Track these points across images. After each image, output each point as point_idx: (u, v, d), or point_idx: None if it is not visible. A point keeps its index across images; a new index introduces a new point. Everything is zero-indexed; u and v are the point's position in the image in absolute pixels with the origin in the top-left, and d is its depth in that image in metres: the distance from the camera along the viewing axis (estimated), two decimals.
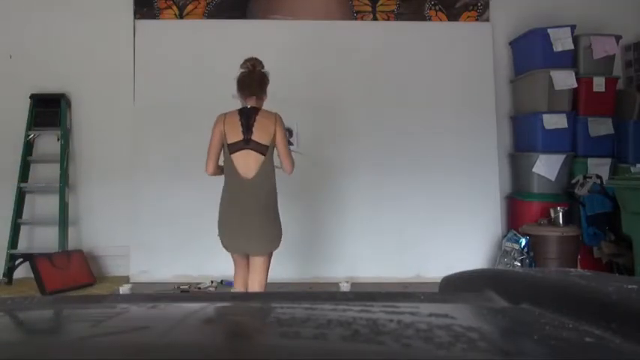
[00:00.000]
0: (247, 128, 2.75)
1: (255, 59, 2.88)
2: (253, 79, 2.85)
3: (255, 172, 2.76)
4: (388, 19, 5.10)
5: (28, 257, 4.60)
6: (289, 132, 4.56)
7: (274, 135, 2.78)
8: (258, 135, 2.76)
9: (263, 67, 2.90)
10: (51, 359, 0.44)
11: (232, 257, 2.96)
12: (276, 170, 2.90)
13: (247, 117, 2.78)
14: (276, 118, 2.83)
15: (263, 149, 2.76)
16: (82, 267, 4.68)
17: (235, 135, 2.77)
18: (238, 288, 3.00)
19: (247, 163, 2.77)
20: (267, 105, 2.96)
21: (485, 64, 4.98)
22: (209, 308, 0.61)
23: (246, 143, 2.75)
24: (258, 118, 2.78)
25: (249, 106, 2.82)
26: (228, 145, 2.78)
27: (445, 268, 1.41)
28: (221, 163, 2.92)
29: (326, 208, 4.73)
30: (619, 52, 4.94)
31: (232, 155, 2.77)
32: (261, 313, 0.61)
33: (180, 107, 4.85)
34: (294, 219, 4.40)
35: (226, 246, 2.90)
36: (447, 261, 4.02)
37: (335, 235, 4.75)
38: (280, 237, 2.92)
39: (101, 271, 4.93)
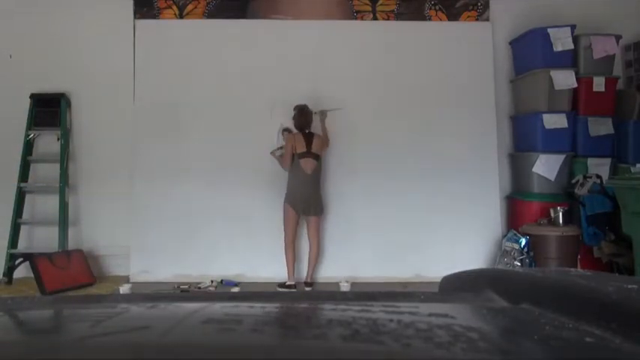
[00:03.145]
0: (309, 144, 4.41)
1: (305, 105, 4.51)
2: (307, 118, 4.51)
3: (312, 169, 4.40)
4: (388, 19, 5.10)
5: (28, 257, 4.60)
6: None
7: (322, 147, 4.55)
8: (315, 148, 4.43)
9: (308, 107, 4.53)
10: (51, 359, 0.44)
11: (289, 215, 4.41)
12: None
13: (309, 138, 4.45)
14: (321, 137, 4.58)
15: (317, 157, 4.43)
16: (82, 267, 4.68)
17: (301, 148, 4.41)
18: (289, 235, 4.43)
19: (308, 164, 4.42)
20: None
21: (485, 64, 4.98)
22: (209, 308, 0.61)
23: (308, 153, 4.39)
24: (314, 138, 4.45)
25: (307, 132, 4.48)
26: (298, 153, 4.39)
27: (445, 268, 1.41)
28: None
29: (326, 208, 4.73)
30: (619, 52, 4.93)
31: (300, 160, 4.39)
32: (261, 313, 0.61)
33: (180, 107, 4.86)
34: None
35: (293, 208, 4.40)
36: (447, 261, 4.03)
37: (335, 235, 4.75)
38: (323, 206, 4.57)
39: (101, 271, 4.93)
